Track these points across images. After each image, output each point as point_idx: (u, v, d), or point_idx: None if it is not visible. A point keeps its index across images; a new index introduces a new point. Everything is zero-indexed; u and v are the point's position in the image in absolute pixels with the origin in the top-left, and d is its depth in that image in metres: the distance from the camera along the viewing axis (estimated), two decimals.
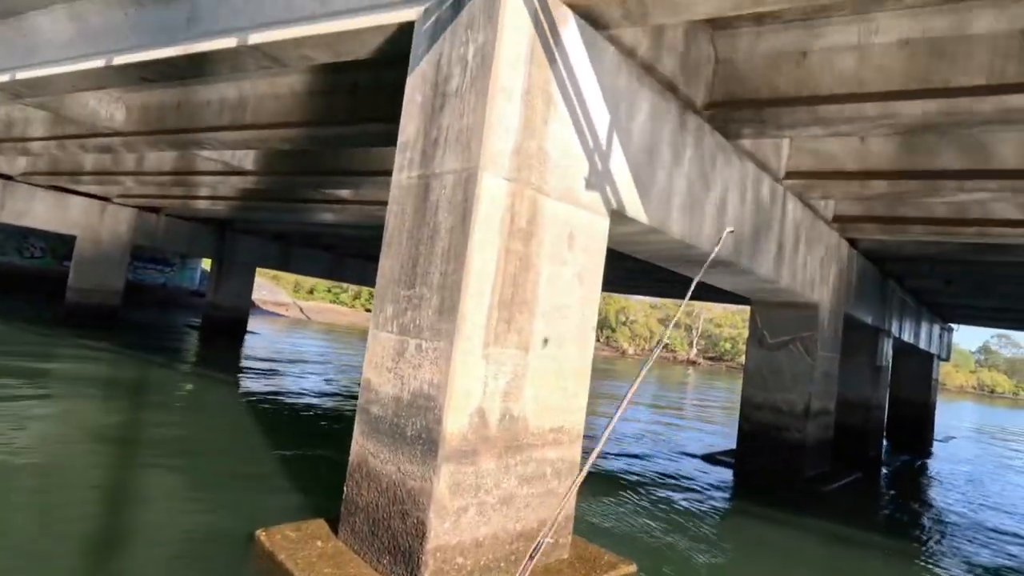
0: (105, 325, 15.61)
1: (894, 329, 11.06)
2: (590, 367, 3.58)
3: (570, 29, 3.31)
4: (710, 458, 8.47)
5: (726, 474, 7.69)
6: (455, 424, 2.85)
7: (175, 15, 5.15)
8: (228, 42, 4.66)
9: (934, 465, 11.76)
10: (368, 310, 46.35)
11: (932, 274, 10.62)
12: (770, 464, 7.56)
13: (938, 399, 16.82)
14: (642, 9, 3.27)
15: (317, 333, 27.97)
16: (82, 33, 5.85)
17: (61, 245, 26.97)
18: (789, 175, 6.22)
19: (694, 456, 8.66)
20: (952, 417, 26.38)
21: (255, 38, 4.52)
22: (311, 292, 46.16)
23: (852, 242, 8.62)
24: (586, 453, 3.07)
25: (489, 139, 2.90)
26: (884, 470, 10.30)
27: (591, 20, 3.42)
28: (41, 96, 7.11)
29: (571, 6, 3.30)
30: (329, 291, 46.86)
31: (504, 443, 3.09)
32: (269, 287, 40.50)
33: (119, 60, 5.40)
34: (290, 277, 44.28)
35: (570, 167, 3.37)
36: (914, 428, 14.45)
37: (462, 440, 2.88)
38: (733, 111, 4.73)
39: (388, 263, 3.33)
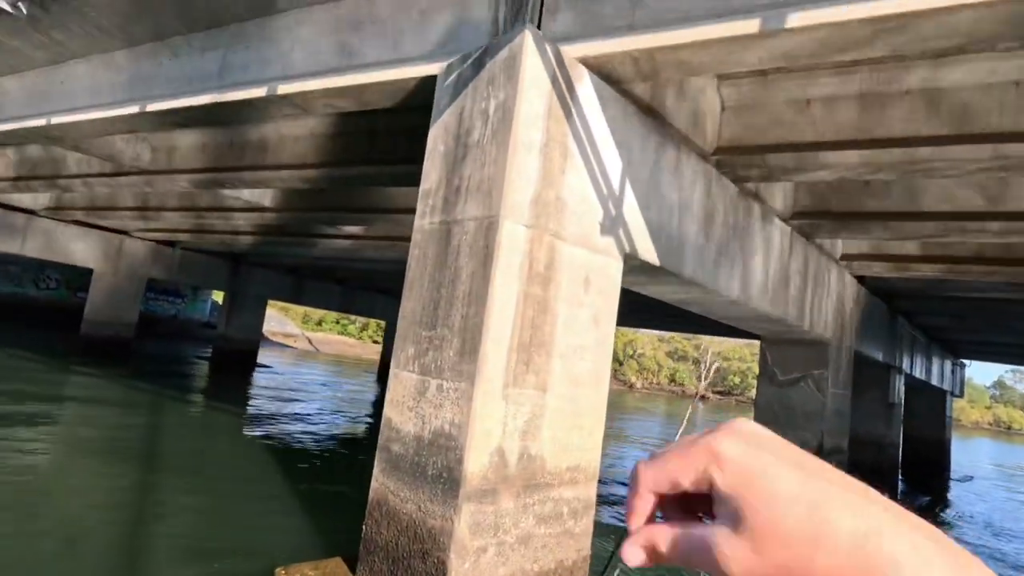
0: (119, 357, 15.78)
1: (905, 365, 11.01)
2: (605, 406, 3.65)
3: (585, 85, 3.51)
4: None
5: None
6: (476, 463, 2.92)
7: (208, 65, 5.44)
8: (258, 91, 4.91)
9: (954, 506, 11.51)
10: (375, 342, 46.37)
11: (942, 311, 10.63)
12: None
13: (953, 436, 16.53)
14: (653, 67, 3.47)
15: (326, 365, 28.01)
16: (118, 81, 6.16)
17: (76, 277, 27.43)
18: (795, 215, 6.36)
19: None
20: (969, 455, 25.81)
21: (284, 88, 4.77)
22: (319, 324, 46.39)
23: (860, 279, 8.70)
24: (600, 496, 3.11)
25: (510, 189, 3.06)
26: None
27: (605, 77, 3.62)
28: (74, 138, 7.43)
29: (587, 65, 3.50)
30: (337, 322, 47.08)
31: (523, 482, 3.15)
32: (278, 318, 40.76)
33: (153, 107, 5.68)
34: (299, 309, 44.60)
35: (586, 214, 3.52)
36: (930, 467, 14.19)
37: (482, 479, 2.95)
38: (739, 156, 4.90)
39: (410, 304, 3.45)
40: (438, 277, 3.31)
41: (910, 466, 13.60)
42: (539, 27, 3.60)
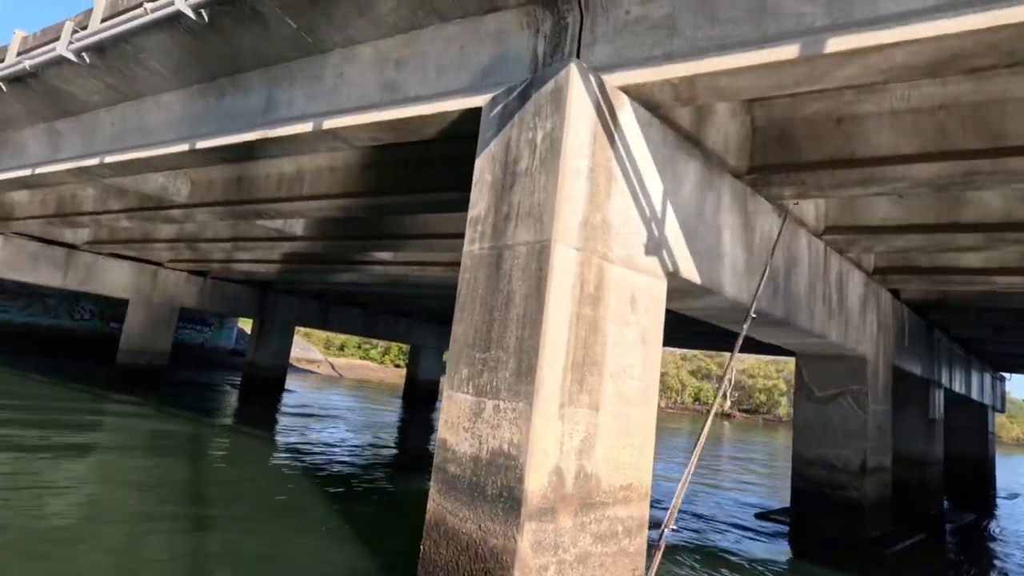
0: (153, 385, 16.15)
1: (944, 380, 10.77)
2: (655, 424, 3.69)
3: (626, 112, 3.64)
4: (764, 516, 8.22)
5: (782, 534, 7.45)
6: (536, 483, 2.98)
7: (253, 103, 5.71)
8: (304, 127, 5.14)
9: (1001, 525, 11.11)
10: (397, 365, 46.59)
11: (980, 322, 10.43)
12: (828, 524, 7.32)
13: (996, 453, 16.01)
14: (692, 93, 3.59)
15: (350, 389, 28.22)
16: (167, 120, 6.48)
17: (109, 308, 28.22)
18: (828, 230, 6.38)
19: (746, 515, 8.42)
20: (1013, 472, 24.87)
21: (329, 124, 4.99)
22: (342, 349, 46.81)
23: (895, 293, 8.61)
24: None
25: (560, 214, 3.17)
26: (948, 529, 9.80)
27: (644, 103, 3.75)
28: (123, 176, 7.79)
29: (627, 92, 3.63)
30: (359, 347, 47.45)
31: (579, 501, 3.19)
32: (301, 344, 41.28)
33: (201, 144, 5.96)
34: (321, 334, 45.13)
35: (630, 235, 3.61)
36: (974, 484, 13.74)
37: (542, 498, 3.00)
38: (773, 175, 4.98)
39: (461, 328, 3.55)
40: (490, 300, 3.41)
41: (953, 484, 13.19)
42: (577, 58, 3.76)
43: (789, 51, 3.13)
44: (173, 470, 7.44)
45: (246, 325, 36.64)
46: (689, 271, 4.10)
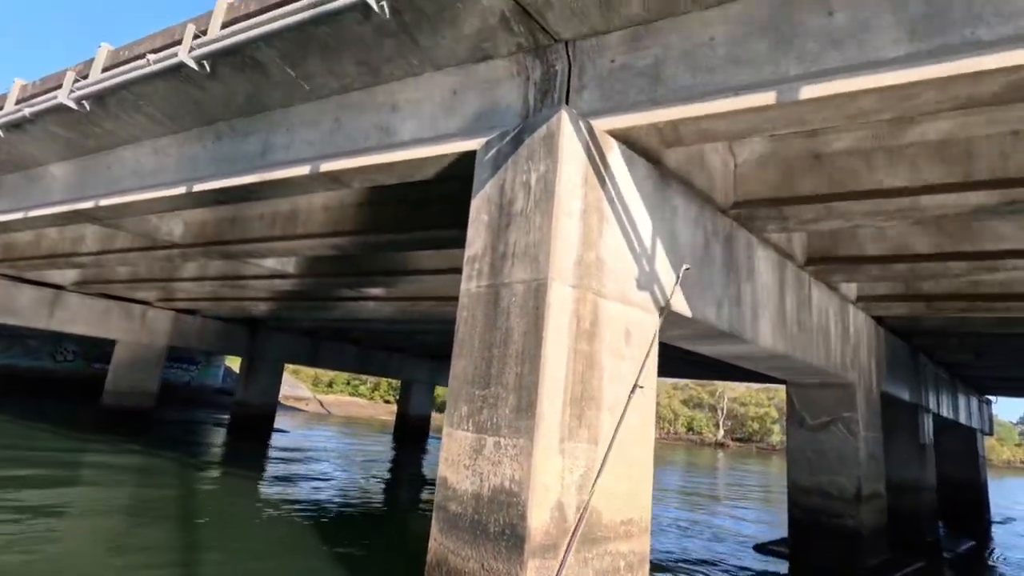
0: (140, 427, 15.82)
1: (932, 404, 10.92)
2: (652, 457, 3.74)
3: (615, 154, 3.81)
4: (762, 548, 8.18)
5: (782, 567, 7.41)
6: (538, 519, 3.00)
7: (251, 147, 5.84)
8: (301, 170, 5.27)
9: (1000, 551, 11.10)
10: (387, 401, 46.01)
11: (962, 347, 10.65)
12: (825, 554, 7.30)
13: (988, 476, 16.08)
14: (676, 136, 3.78)
15: (339, 427, 27.77)
16: (163, 164, 6.59)
17: (93, 348, 27.77)
18: (811, 261, 6.58)
19: (745, 546, 8.36)
20: (1006, 496, 24.89)
21: (326, 167, 5.13)
22: (330, 385, 46.22)
23: (879, 320, 8.81)
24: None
25: (556, 253, 3.29)
26: (946, 557, 9.77)
27: (631, 145, 3.93)
28: (118, 219, 7.84)
29: (615, 136, 3.82)
30: (348, 383, 46.89)
31: (581, 536, 3.21)
32: (289, 381, 40.71)
33: (199, 187, 6.06)
34: (309, 371, 44.59)
35: (623, 271, 3.74)
36: (968, 509, 13.76)
37: (545, 535, 3.03)
38: (756, 210, 5.17)
39: (461, 365, 3.62)
40: (488, 338, 3.49)
41: (947, 509, 13.19)
42: (566, 104, 3.95)
43: (767, 98, 3.34)
44: (162, 511, 7.28)
45: (233, 363, 36.14)
46: (680, 305, 4.22)
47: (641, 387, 3.63)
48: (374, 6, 3.67)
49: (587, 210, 3.53)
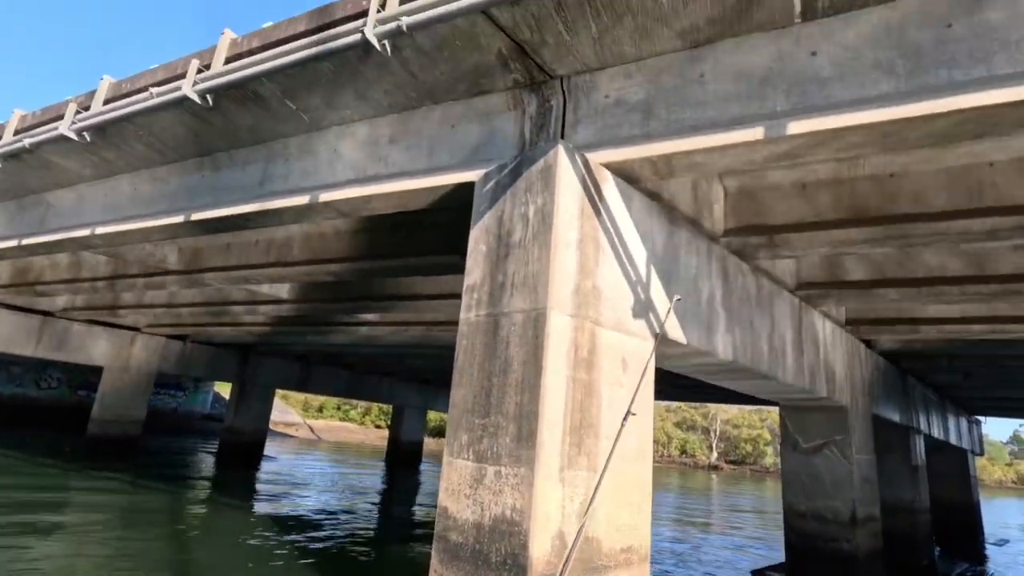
0: (127, 455, 15.51)
1: (922, 426, 11.02)
2: (651, 483, 3.77)
3: (610, 186, 3.92)
4: (760, 574, 8.13)
5: None
6: (540, 548, 3.01)
7: (250, 177, 5.92)
8: (301, 200, 5.35)
9: (996, 573, 11.09)
10: (377, 426, 45.44)
11: (950, 369, 10.80)
12: None
13: (980, 497, 16.11)
14: (669, 168, 3.91)
15: (330, 453, 27.35)
16: (162, 192, 6.64)
17: (78, 375, 27.33)
18: (801, 286, 6.71)
19: (742, 572, 8.31)
20: (999, 517, 24.89)
21: (326, 196, 5.20)
22: (320, 410, 45.63)
23: (868, 343, 8.94)
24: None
25: (554, 283, 3.37)
26: None
27: (625, 177, 4.05)
28: (114, 247, 7.85)
29: (609, 168, 3.93)
30: (339, 408, 46.32)
31: (582, 565, 3.22)
32: (279, 407, 40.14)
33: (197, 216, 6.11)
34: (299, 396, 44.04)
35: (619, 300, 3.82)
36: (962, 531, 13.76)
37: (546, 564, 3.03)
38: (747, 237, 5.30)
39: (460, 393, 3.65)
40: (488, 366, 3.54)
41: (941, 531, 13.19)
42: (563, 139, 4.07)
43: (755, 133, 3.47)
44: (150, 552, 7.13)
45: (222, 388, 35.66)
46: (675, 332, 4.29)
47: (634, 414, 3.67)
48: (375, 44, 3.79)
49: (583, 240, 3.62)
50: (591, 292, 3.61)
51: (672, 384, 14.95)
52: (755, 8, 3.50)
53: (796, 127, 3.38)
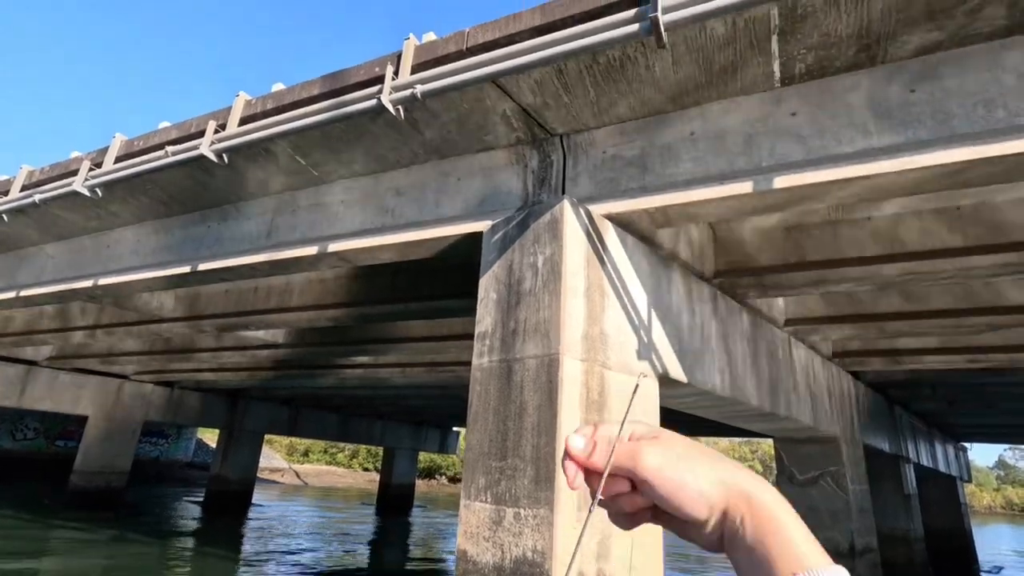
0: (109, 508, 15.03)
1: (912, 454, 11.23)
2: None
3: (611, 236, 4.18)
4: None
5: None
6: None
7: (257, 227, 6.10)
8: (308, 250, 5.53)
9: None
10: (366, 469, 44.41)
11: (934, 396, 11.11)
12: None
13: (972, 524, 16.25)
14: (666, 218, 4.19)
15: (318, 500, 26.65)
16: (166, 243, 6.78)
17: (56, 424, 26.56)
18: (788, 322, 7.00)
19: None
20: (991, 543, 24.95)
21: (334, 247, 5.40)
22: (306, 454, 44.55)
23: (855, 374, 9.22)
24: None
25: (565, 329, 3.57)
26: None
27: (625, 227, 4.32)
28: (115, 296, 7.90)
29: (610, 219, 4.20)
30: (325, 452, 45.29)
31: None
32: (264, 452, 39.12)
33: (204, 267, 6.25)
34: (283, 440, 43.03)
35: (624, 343, 4.02)
36: (956, 559, 13.83)
37: None
38: (736, 278, 5.59)
39: (476, 437, 3.79)
40: (503, 411, 3.69)
41: (935, 559, 13.25)
42: (563, 192, 4.35)
43: (744, 187, 3.77)
44: None
45: (204, 435, 34.78)
46: (676, 371, 4.50)
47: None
48: (391, 109, 4.07)
49: (590, 288, 3.84)
50: (599, 337, 3.82)
51: (665, 420, 15.08)
52: (739, 74, 3.85)
53: (781, 182, 3.69)
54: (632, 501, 0.59)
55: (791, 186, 3.66)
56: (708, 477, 0.56)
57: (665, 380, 4.40)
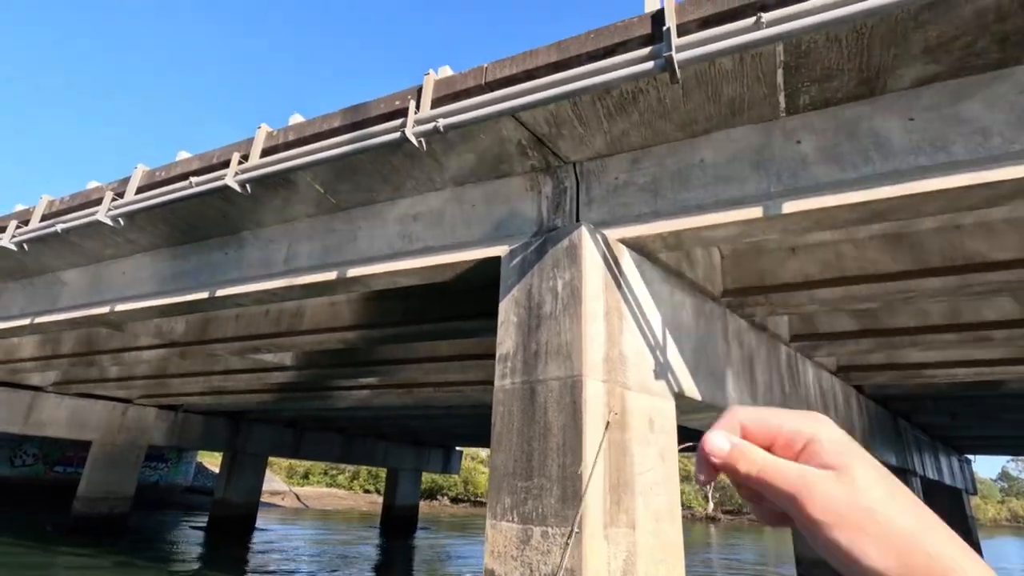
0: (113, 534, 14.91)
1: (918, 467, 11.30)
2: (682, 540, 3.99)
3: (627, 259, 4.34)
4: None
5: None
6: None
7: (275, 254, 6.24)
8: (328, 276, 5.66)
9: None
10: (367, 491, 43.99)
11: (937, 410, 11.22)
12: None
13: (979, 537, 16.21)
14: (678, 242, 4.35)
15: (321, 522, 26.40)
16: (182, 270, 6.90)
17: (54, 450, 26.35)
18: (794, 338, 7.14)
19: None
20: (1001, 557, 24.80)
21: (353, 272, 5.54)
22: (306, 477, 44.14)
23: (859, 388, 9.34)
24: None
25: (587, 352, 3.70)
26: None
27: (639, 250, 4.47)
28: (128, 322, 8.00)
29: (624, 243, 4.36)
30: (325, 474, 44.88)
31: None
32: (265, 475, 38.78)
33: (222, 292, 6.37)
34: (283, 462, 42.66)
35: (641, 364, 4.15)
36: None
37: None
38: (744, 297, 5.75)
39: (500, 458, 3.89)
40: (527, 431, 3.80)
41: None
42: (577, 219, 4.51)
43: (755, 212, 3.94)
44: None
45: (204, 458, 34.50)
46: (691, 390, 4.62)
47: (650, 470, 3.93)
48: (414, 141, 4.24)
49: (609, 311, 3.99)
50: (618, 358, 3.95)
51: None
52: (746, 104, 4.04)
53: (790, 207, 3.86)
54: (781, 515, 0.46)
55: (799, 211, 3.83)
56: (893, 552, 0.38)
57: (681, 399, 4.52)
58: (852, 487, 0.41)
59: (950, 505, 14.88)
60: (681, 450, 3.80)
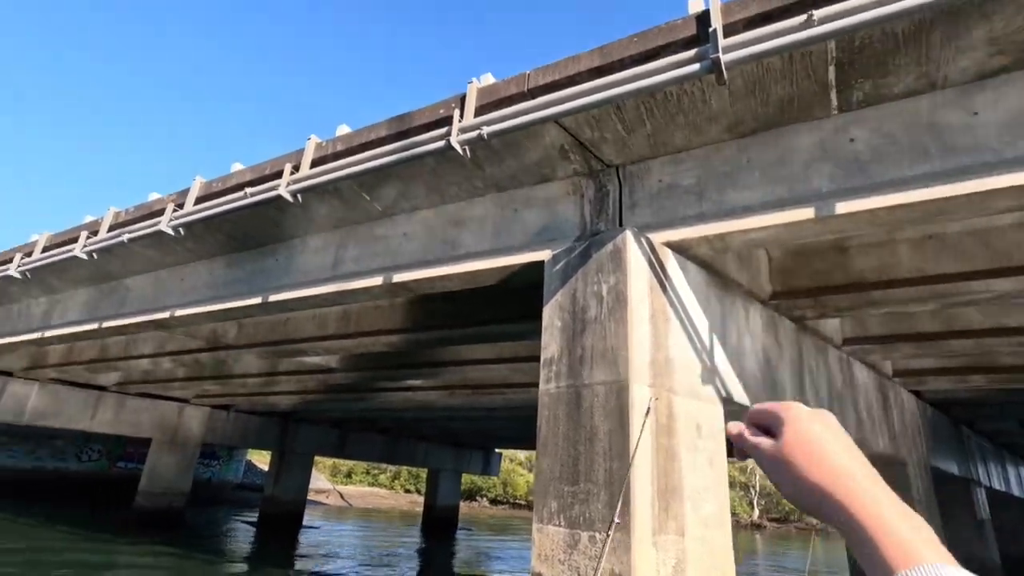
0: (171, 528, 15.65)
1: (982, 477, 10.70)
2: (732, 548, 3.92)
3: (672, 263, 4.30)
4: None
5: None
6: None
7: (322, 260, 6.44)
8: (374, 281, 5.81)
9: None
10: (407, 491, 44.67)
11: (1002, 416, 10.60)
12: None
13: None
14: (724, 245, 4.28)
15: (364, 520, 26.99)
16: (236, 276, 7.20)
17: (117, 447, 27.79)
18: (847, 342, 6.89)
19: None
20: None
21: (399, 277, 5.66)
22: (349, 476, 45.12)
23: (917, 393, 8.93)
24: None
25: (633, 356, 3.69)
26: None
27: (684, 253, 4.42)
28: (188, 327, 8.41)
29: (669, 246, 4.32)
30: (367, 473, 45.79)
31: None
32: None
33: (275, 297, 6.62)
34: (327, 461, 43.75)
35: (688, 368, 4.10)
36: None
37: None
38: (792, 299, 5.59)
39: (546, 462, 3.91)
40: (573, 436, 3.81)
41: None
42: (621, 223, 4.49)
43: (805, 213, 3.84)
44: None
45: (253, 456, 35.75)
46: (739, 394, 4.53)
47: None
48: (458, 149, 4.32)
49: (654, 315, 3.96)
50: (664, 363, 3.91)
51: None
52: (795, 103, 3.95)
53: (843, 207, 3.74)
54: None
55: (854, 211, 3.71)
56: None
57: (729, 404, 4.44)
58: (778, 449, 0.62)
59: (1020, 517, 14.01)
60: (730, 456, 3.75)
